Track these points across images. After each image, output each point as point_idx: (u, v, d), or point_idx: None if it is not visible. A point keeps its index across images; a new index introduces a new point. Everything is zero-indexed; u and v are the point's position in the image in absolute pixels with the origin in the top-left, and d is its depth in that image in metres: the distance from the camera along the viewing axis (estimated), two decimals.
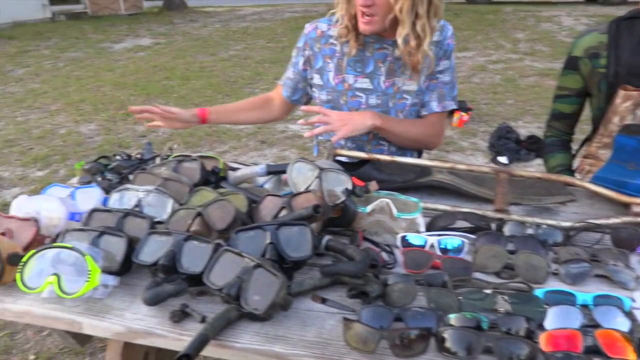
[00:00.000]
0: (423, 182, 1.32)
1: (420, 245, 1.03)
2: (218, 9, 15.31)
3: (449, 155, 3.78)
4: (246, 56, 7.99)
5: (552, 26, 9.00)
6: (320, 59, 1.48)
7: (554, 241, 1.07)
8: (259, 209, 1.10)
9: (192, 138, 4.37)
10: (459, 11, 11.01)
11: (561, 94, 1.59)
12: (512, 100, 5.03)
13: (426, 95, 1.49)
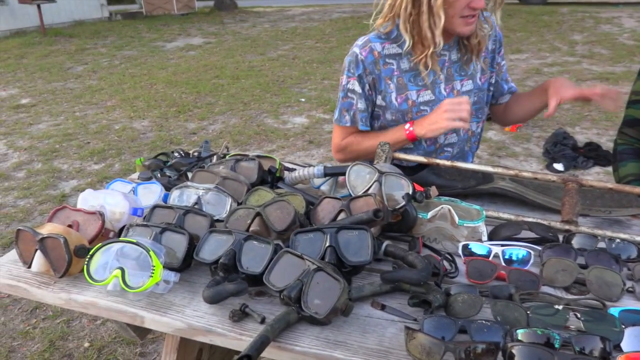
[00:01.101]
0: (484, 189, 1.28)
1: (484, 255, 1.00)
2: (267, 9, 15.50)
3: (501, 161, 3.68)
4: (294, 56, 8.05)
5: (612, 28, 8.60)
6: (382, 81, 1.41)
7: (628, 256, 1.01)
8: (317, 211, 1.09)
9: (241, 137, 4.44)
10: (512, 12, 10.69)
11: (637, 99, 1.51)
12: (569, 105, 4.83)
13: (504, 85, 1.56)
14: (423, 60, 1.35)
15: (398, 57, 1.39)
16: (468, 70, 1.44)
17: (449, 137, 1.45)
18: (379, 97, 1.43)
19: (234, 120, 4.95)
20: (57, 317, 2.30)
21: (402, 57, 1.39)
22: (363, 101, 1.44)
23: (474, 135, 1.52)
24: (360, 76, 1.41)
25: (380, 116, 1.46)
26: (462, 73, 1.43)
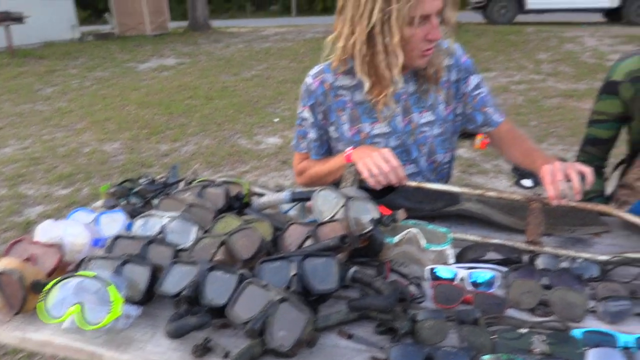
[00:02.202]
0: (452, 211, 1.29)
1: (450, 279, 1.00)
2: (241, 29, 15.59)
3: (471, 178, 3.73)
4: (268, 76, 8.08)
5: (575, 47, 8.90)
6: (333, 113, 1.41)
7: (590, 276, 1.02)
8: (284, 238, 1.08)
9: (214, 158, 4.40)
10: (480, 32, 10.99)
11: (598, 118, 1.55)
12: (536, 121, 4.96)
13: (478, 116, 1.46)
14: (382, 101, 1.32)
15: (352, 88, 1.38)
16: (427, 101, 1.41)
17: (406, 169, 1.43)
18: (331, 128, 1.43)
19: (207, 141, 4.92)
20: (18, 353, 2.21)
21: (356, 89, 1.38)
22: (315, 130, 1.45)
23: (440, 165, 1.50)
24: (312, 106, 1.42)
25: (334, 148, 1.46)
26: (420, 105, 1.41)
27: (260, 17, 26.05)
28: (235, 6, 32.19)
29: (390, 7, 1.17)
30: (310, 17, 20.38)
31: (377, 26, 1.20)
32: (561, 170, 1.15)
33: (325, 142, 1.48)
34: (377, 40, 1.22)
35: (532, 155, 1.38)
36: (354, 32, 1.24)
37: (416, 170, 1.46)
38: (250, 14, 28.65)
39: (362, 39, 1.23)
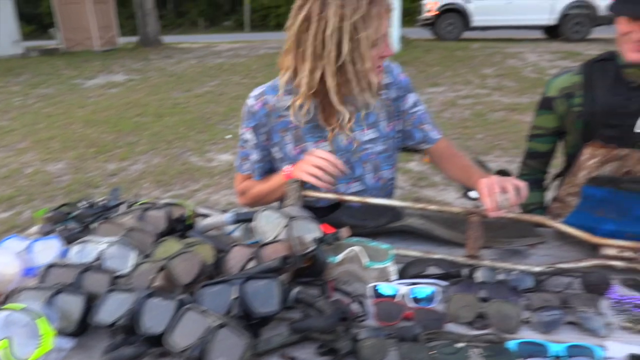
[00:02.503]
0: (395, 227, 1.31)
1: (392, 296, 1.01)
2: (194, 45, 15.44)
3: (422, 191, 3.81)
4: (221, 92, 8.02)
5: (517, 62, 9.31)
6: (276, 134, 1.42)
7: (525, 286, 1.06)
8: (227, 260, 1.07)
9: (164, 176, 4.31)
10: (429, 48, 11.33)
11: (536, 133, 1.63)
12: (482, 134, 5.13)
13: (417, 133, 1.50)
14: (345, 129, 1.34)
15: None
16: (368, 119, 1.43)
17: (351, 186, 1.46)
18: (274, 149, 1.44)
19: (156, 159, 4.82)
20: None
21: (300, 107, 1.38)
22: (258, 152, 1.45)
23: (385, 182, 1.52)
24: (255, 127, 1.42)
25: (278, 168, 1.46)
26: (362, 123, 1.42)
27: (213, 32, 25.86)
28: (187, 22, 31.85)
29: (359, 36, 1.18)
30: (264, 33, 20.43)
31: (346, 56, 1.20)
32: (498, 183, 1.19)
33: (269, 162, 1.48)
34: (348, 69, 1.22)
35: (469, 171, 1.43)
36: (316, 68, 1.23)
37: (362, 188, 1.47)
38: (203, 30, 28.41)
39: (331, 71, 1.22)
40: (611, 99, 1.39)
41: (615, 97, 1.39)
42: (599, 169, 1.12)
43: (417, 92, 1.53)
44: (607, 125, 1.40)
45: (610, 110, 1.39)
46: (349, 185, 1.46)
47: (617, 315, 0.98)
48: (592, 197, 1.10)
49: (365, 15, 1.17)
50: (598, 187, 1.08)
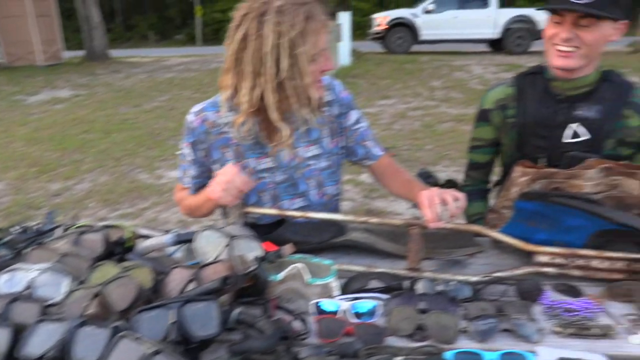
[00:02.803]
0: (338, 242, 1.32)
1: (334, 312, 1.02)
2: (143, 59, 15.15)
3: (373, 202, 3.86)
4: (171, 107, 7.88)
5: (464, 74, 9.65)
6: (216, 151, 1.41)
7: (463, 296, 1.09)
8: (166, 283, 1.04)
9: (111, 195, 4.18)
10: (380, 61, 11.57)
11: (476, 144, 1.68)
12: (431, 145, 5.27)
13: (359, 149, 1.52)
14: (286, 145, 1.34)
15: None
16: (311, 135, 1.44)
17: (295, 202, 1.46)
18: (215, 166, 1.43)
19: (104, 177, 4.67)
20: None
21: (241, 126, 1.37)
22: (196, 167, 1.45)
23: (330, 198, 1.52)
24: (193, 143, 1.41)
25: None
26: (305, 139, 1.43)
27: (164, 46, 25.47)
28: (137, 35, 31.24)
29: (297, 51, 1.18)
30: (216, 47, 20.30)
31: (285, 72, 1.20)
32: (437, 195, 1.22)
33: (207, 178, 1.47)
34: (287, 85, 1.22)
35: (411, 185, 1.47)
36: (256, 85, 1.23)
37: (306, 204, 1.48)
38: (154, 44, 27.92)
39: (271, 88, 1.22)
40: (540, 111, 1.46)
41: (543, 109, 1.46)
42: (530, 185, 1.17)
43: (369, 104, 1.58)
44: (537, 136, 1.47)
45: (539, 121, 1.46)
46: (292, 201, 1.46)
47: (548, 321, 1.02)
48: (524, 210, 1.15)
49: (302, 31, 1.18)
50: (529, 202, 1.13)
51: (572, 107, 1.43)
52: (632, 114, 1.40)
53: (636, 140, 1.42)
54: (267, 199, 1.44)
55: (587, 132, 1.41)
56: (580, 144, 1.41)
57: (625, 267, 1.14)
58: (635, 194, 1.15)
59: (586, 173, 1.13)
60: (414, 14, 13.79)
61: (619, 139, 1.41)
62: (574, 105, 1.43)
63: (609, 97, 1.40)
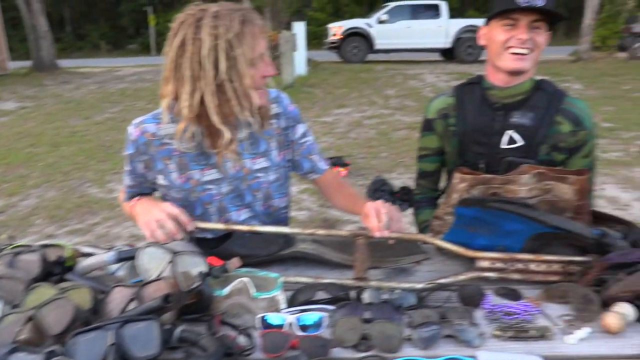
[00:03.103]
0: (287, 254, 1.31)
1: (280, 325, 1.01)
2: (94, 69, 14.74)
3: (329, 211, 3.88)
4: (123, 119, 7.68)
5: (417, 83, 9.88)
6: (159, 162, 1.38)
7: (408, 304, 1.11)
8: (106, 303, 1.01)
9: (59, 211, 4.03)
10: (336, 70, 11.70)
11: (423, 154, 1.72)
12: (386, 153, 5.36)
13: (305, 163, 1.53)
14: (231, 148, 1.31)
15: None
16: (259, 147, 1.43)
17: (242, 213, 1.45)
18: (159, 177, 1.41)
19: (51, 192, 4.50)
20: None
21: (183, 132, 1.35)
22: (132, 178, 1.44)
23: (278, 210, 1.52)
24: (132, 155, 1.39)
25: (166, 195, 1.44)
26: (252, 151, 1.42)
27: (118, 56, 24.87)
28: (88, 45, 30.39)
29: (234, 53, 1.19)
30: None
31: (224, 74, 1.20)
32: (382, 206, 1.24)
33: (147, 188, 1.47)
34: (227, 87, 1.21)
35: (355, 198, 1.52)
36: (196, 89, 1.22)
37: (252, 215, 1.47)
38: (106, 53, 27.23)
39: (211, 91, 1.21)
40: (478, 119, 1.52)
41: (481, 117, 1.52)
42: (469, 191, 1.20)
43: (325, 113, 1.61)
44: (477, 143, 1.52)
45: (478, 129, 1.52)
46: (239, 212, 1.45)
47: (489, 325, 1.05)
48: (464, 216, 1.18)
49: (238, 34, 1.18)
50: (468, 208, 1.17)
51: (508, 115, 1.49)
52: (564, 120, 1.47)
53: (568, 146, 1.49)
54: (213, 211, 1.43)
55: (521, 139, 1.47)
56: (516, 149, 1.47)
57: (561, 269, 1.19)
58: (567, 198, 1.20)
59: (521, 178, 1.18)
60: (368, 24, 14.04)
61: (552, 145, 1.48)
62: (509, 112, 1.49)
63: (541, 104, 1.47)
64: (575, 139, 1.48)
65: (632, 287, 1.04)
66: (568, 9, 31.34)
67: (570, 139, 1.48)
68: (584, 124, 1.48)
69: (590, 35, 12.95)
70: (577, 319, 1.05)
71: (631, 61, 12.73)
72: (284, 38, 9.30)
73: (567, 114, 1.48)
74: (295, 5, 26.51)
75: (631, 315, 1.03)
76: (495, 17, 1.43)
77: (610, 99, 8.21)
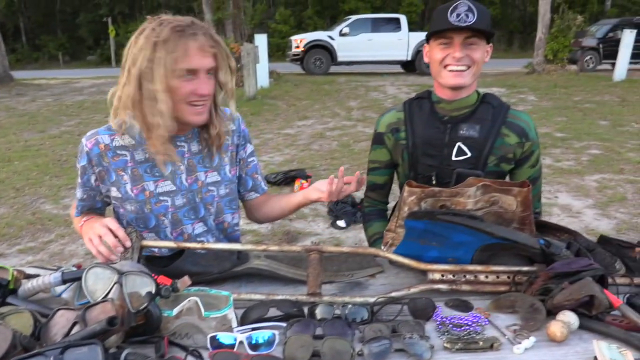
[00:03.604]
0: (239, 271, 1.30)
1: (231, 345, 0.99)
2: (51, 81, 14.33)
3: (292, 224, 3.87)
4: (80, 132, 7.46)
5: (379, 95, 10.03)
6: (112, 173, 1.38)
7: (361, 318, 1.11)
8: (49, 328, 0.97)
9: (10, 229, 3.86)
10: (298, 82, 11.75)
11: (373, 166, 1.74)
12: (348, 164, 5.39)
13: (249, 181, 1.57)
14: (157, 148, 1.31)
15: (132, 148, 1.37)
16: (212, 162, 1.45)
17: (196, 227, 1.47)
18: (112, 189, 1.39)
19: (2, 210, 4.31)
20: None
21: (136, 148, 1.37)
22: (83, 191, 1.42)
23: (230, 226, 1.54)
24: (84, 167, 1.38)
25: (120, 208, 1.42)
26: (206, 165, 1.44)
27: (76, 67, 24.22)
28: (45, 56, 29.50)
29: (154, 55, 1.21)
30: None
31: (144, 73, 1.23)
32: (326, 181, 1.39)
33: (98, 202, 1.45)
34: (144, 86, 1.24)
35: (288, 196, 1.59)
36: (126, 83, 1.26)
37: (205, 229, 1.48)
38: (64, 65, 26.49)
39: (134, 85, 1.24)
40: (428, 132, 1.56)
41: (431, 130, 1.56)
42: (418, 204, 1.22)
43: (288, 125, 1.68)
44: (427, 155, 1.56)
45: (428, 141, 1.56)
46: (193, 225, 1.46)
47: (440, 337, 1.06)
48: (414, 229, 1.20)
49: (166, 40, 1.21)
50: (417, 220, 1.18)
51: (456, 127, 1.53)
52: (510, 132, 1.53)
53: (516, 157, 1.55)
54: (167, 223, 1.42)
55: (470, 150, 1.52)
56: (465, 161, 1.52)
57: (509, 280, 1.22)
58: (512, 209, 1.23)
59: (467, 191, 1.20)
60: (330, 37, 14.20)
61: (500, 156, 1.53)
62: (457, 125, 1.53)
63: (487, 117, 1.52)
64: (522, 150, 1.55)
65: (574, 296, 1.08)
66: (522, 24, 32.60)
67: (517, 150, 1.54)
68: (529, 135, 1.55)
69: (542, 49, 13.48)
70: (525, 328, 1.08)
71: (581, 73, 13.33)
72: (246, 50, 9.29)
73: (513, 126, 1.53)
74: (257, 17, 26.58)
75: (575, 323, 1.06)
76: (432, 36, 1.50)
77: (562, 109, 8.54)
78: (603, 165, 5.37)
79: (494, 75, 13.38)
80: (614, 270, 1.27)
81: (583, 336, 1.05)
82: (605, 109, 8.52)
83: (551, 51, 13.83)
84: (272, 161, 5.70)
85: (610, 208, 4.14)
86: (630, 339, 1.01)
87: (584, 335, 1.06)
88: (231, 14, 14.29)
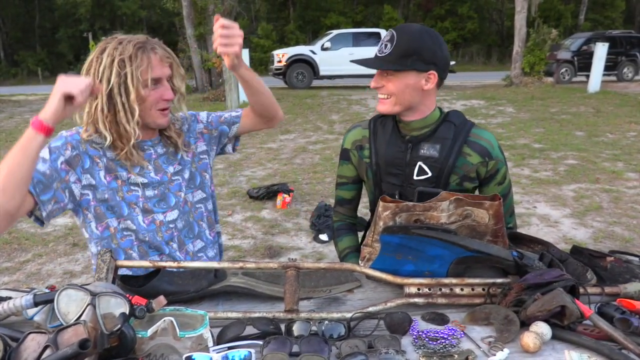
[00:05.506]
0: (217, 289, 1.29)
1: None
2: (30, 97, 14.15)
3: (274, 238, 3.86)
4: None
5: (361, 108, 10.12)
6: (87, 159, 1.45)
7: (338, 334, 1.11)
8: (19, 352, 0.96)
9: None
10: (280, 96, 11.77)
11: (340, 181, 1.76)
12: (331, 178, 5.41)
13: (223, 126, 1.71)
14: (126, 155, 1.44)
15: (104, 148, 1.47)
16: (177, 156, 1.60)
17: (168, 215, 1.55)
18: (86, 176, 1.44)
19: None
20: None
21: (109, 149, 1.47)
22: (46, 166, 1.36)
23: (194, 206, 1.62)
24: (57, 147, 1.40)
25: (91, 200, 1.46)
26: (170, 162, 1.58)
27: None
28: (24, 71, 29.15)
29: (125, 71, 1.36)
30: None
31: (115, 88, 1.37)
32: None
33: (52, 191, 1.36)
34: (117, 100, 1.38)
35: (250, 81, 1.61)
36: (94, 99, 1.39)
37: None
38: (43, 80, 26.19)
39: (103, 101, 1.38)
40: (390, 151, 1.56)
41: (393, 149, 1.56)
42: (393, 219, 1.24)
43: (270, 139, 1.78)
44: (390, 174, 1.57)
45: (390, 160, 1.56)
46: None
47: (416, 351, 1.07)
48: (390, 243, 1.21)
49: (131, 56, 1.36)
50: (392, 235, 1.20)
51: (417, 147, 1.53)
52: (471, 152, 1.52)
53: (479, 176, 1.55)
54: (138, 212, 1.50)
55: (430, 170, 1.52)
56: (426, 180, 1.52)
57: (484, 292, 1.24)
58: (485, 222, 1.25)
59: (440, 205, 1.22)
60: (312, 51, 14.31)
61: (462, 175, 1.52)
62: (418, 144, 1.53)
63: (448, 136, 1.51)
64: (486, 169, 1.54)
65: (547, 306, 1.09)
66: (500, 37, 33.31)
67: (481, 169, 1.53)
68: (492, 154, 1.53)
69: (520, 62, 13.78)
70: (499, 340, 1.09)
71: (557, 85, 13.64)
72: None
73: (474, 145, 1.52)
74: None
75: (547, 334, 1.08)
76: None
77: (540, 120, 8.71)
78: (580, 175, 5.48)
79: (474, 87, 13.61)
80: (586, 280, 1.29)
81: (556, 346, 1.07)
82: (580, 120, 8.72)
83: (528, 64, 14.15)
84: (255, 175, 5.70)
85: (587, 217, 4.22)
86: (601, 348, 1.03)
87: (556, 345, 1.07)
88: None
